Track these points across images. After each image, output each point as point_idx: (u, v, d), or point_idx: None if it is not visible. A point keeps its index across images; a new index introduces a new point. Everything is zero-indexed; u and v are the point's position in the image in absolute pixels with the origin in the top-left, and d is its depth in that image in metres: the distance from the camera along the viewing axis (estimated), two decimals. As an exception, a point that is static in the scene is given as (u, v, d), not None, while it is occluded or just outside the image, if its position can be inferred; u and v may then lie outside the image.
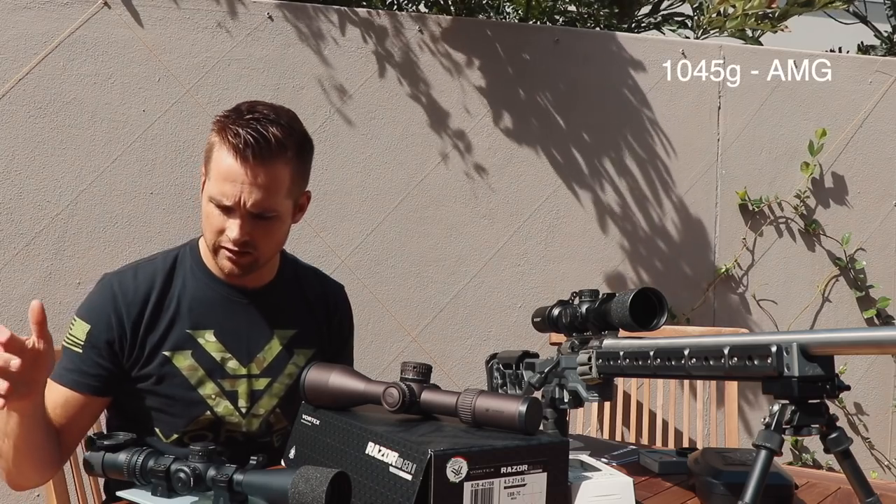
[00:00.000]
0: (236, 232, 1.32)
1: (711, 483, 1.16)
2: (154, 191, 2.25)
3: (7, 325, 2.12)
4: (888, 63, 2.88)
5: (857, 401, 2.84)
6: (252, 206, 1.31)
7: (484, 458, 0.95)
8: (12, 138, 2.14)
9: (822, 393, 0.89)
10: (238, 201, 1.30)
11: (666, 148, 2.70)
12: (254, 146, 1.28)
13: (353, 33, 2.42)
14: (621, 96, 2.66)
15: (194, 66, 2.28)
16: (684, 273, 2.72)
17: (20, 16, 2.15)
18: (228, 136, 1.30)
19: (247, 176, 1.29)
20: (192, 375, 1.38)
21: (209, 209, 1.34)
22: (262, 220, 1.34)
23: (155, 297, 1.39)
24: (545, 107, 2.59)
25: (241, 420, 1.42)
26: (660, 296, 1.12)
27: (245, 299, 1.44)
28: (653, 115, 2.69)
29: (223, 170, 1.30)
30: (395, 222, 2.46)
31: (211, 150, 1.34)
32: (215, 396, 1.40)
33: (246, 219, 1.32)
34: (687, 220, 2.72)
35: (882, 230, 2.86)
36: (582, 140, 2.62)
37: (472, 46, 2.52)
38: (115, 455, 1.08)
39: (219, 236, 1.34)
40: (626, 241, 2.66)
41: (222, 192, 1.30)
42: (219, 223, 1.33)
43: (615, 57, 2.66)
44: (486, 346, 2.51)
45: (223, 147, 1.31)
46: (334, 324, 1.57)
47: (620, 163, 2.66)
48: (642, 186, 2.68)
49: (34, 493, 2.15)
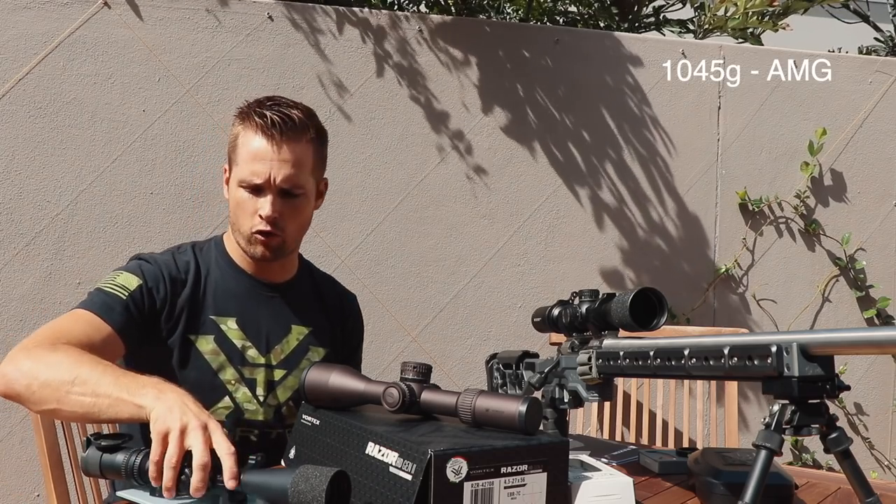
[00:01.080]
0: (268, 208, 1.38)
1: (711, 483, 1.16)
2: (154, 191, 2.25)
3: (7, 325, 2.12)
4: (888, 63, 2.88)
5: (857, 401, 2.84)
6: (282, 181, 1.38)
7: (484, 458, 0.95)
8: (12, 138, 2.14)
9: (822, 393, 0.89)
10: (269, 178, 1.38)
11: (666, 148, 2.70)
12: (280, 124, 1.37)
13: (354, 33, 2.42)
14: (621, 96, 2.66)
15: (194, 66, 2.28)
16: (684, 273, 2.72)
17: (20, 16, 2.15)
18: (254, 119, 1.39)
19: (276, 153, 1.38)
20: (213, 360, 1.42)
21: (239, 195, 1.41)
22: (291, 199, 1.41)
23: (191, 280, 1.44)
24: (545, 107, 2.59)
25: (257, 408, 1.45)
26: (660, 296, 1.12)
27: (266, 292, 1.50)
28: (653, 114, 2.69)
29: (252, 151, 1.38)
30: (395, 222, 2.46)
31: (236, 139, 1.42)
32: (235, 382, 1.43)
33: (276, 196, 1.39)
34: (687, 220, 2.72)
35: (882, 230, 2.86)
36: (582, 140, 2.62)
37: (473, 46, 2.52)
38: (112, 455, 1.07)
39: (253, 220, 1.40)
40: (626, 241, 2.66)
41: (253, 172, 1.38)
42: (251, 206, 1.40)
43: (615, 57, 2.66)
44: (486, 346, 2.51)
45: (249, 130, 1.39)
46: (347, 329, 1.62)
47: (620, 163, 2.66)
48: (642, 186, 2.68)
49: (34, 493, 2.15)
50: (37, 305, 2.15)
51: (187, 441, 0.97)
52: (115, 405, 1.10)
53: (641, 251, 2.68)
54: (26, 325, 2.14)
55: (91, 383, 1.12)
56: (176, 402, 1.03)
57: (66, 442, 1.56)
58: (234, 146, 1.43)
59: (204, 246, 1.52)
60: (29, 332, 2.12)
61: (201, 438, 0.96)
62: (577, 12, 2.97)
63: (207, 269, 1.47)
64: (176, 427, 0.98)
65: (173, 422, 0.98)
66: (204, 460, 0.94)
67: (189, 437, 0.97)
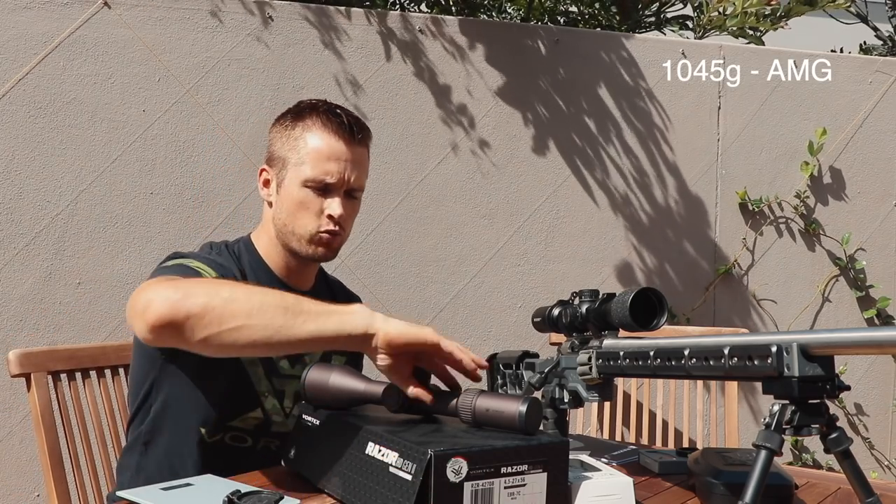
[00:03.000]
0: (339, 208, 1.38)
1: (711, 483, 1.16)
2: (154, 191, 2.25)
3: (7, 325, 2.12)
4: (888, 63, 2.88)
5: (858, 401, 2.84)
6: (354, 182, 1.40)
7: (484, 458, 0.95)
8: (12, 138, 2.14)
9: (823, 393, 0.89)
10: (343, 178, 1.38)
11: (666, 148, 2.70)
12: (355, 127, 1.40)
13: (354, 33, 2.42)
14: (621, 96, 2.66)
15: (194, 66, 2.28)
16: (684, 273, 2.72)
17: (20, 16, 2.15)
18: (327, 119, 1.39)
19: (350, 153, 1.39)
20: (251, 369, 1.39)
21: (304, 195, 1.38)
22: (352, 200, 1.43)
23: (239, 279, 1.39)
24: (545, 106, 2.59)
25: (284, 420, 1.44)
26: (660, 296, 1.12)
27: None
28: (653, 115, 2.69)
29: (326, 150, 1.38)
30: (395, 222, 2.46)
31: (297, 139, 1.40)
32: (267, 393, 1.42)
33: (343, 197, 1.40)
34: (687, 220, 2.72)
35: (882, 230, 2.86)
36: (582, 140, 2.63)
37: (473, 46, 2.52)
38: None
39: (319, 220, 1.39)
40: (626, 240, 2.67)
41: (326, 171, 1.37)
42: (317, 206, 1.39)
43: (615, 57, 2.66)
44: (486, 346, 2.51)
45: (319, 129, 1.39)
46: None
47: (620, 163, 2.66)
48: (642, 186, 2.68)
49: (34, 493, 2.15)
50: (37, 305, 2.15)
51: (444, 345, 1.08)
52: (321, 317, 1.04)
53: (641, 251, 2.68)
54: (26, 325, 2.14)
55: (289, 297, 1.06)
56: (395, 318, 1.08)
57: (67, 442, 1.56)
58: (292, 146, 1.40)
59: (235, 247, 1.47)
60: (29, 332, 2.14)
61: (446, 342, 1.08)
62: (578, 12, 2.98)
63: (245, 273, 1.43)
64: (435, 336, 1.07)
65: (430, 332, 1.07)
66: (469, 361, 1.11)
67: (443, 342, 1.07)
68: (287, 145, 1.41)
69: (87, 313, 2.17)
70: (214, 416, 1.38)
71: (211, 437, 1.39)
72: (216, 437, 1.39)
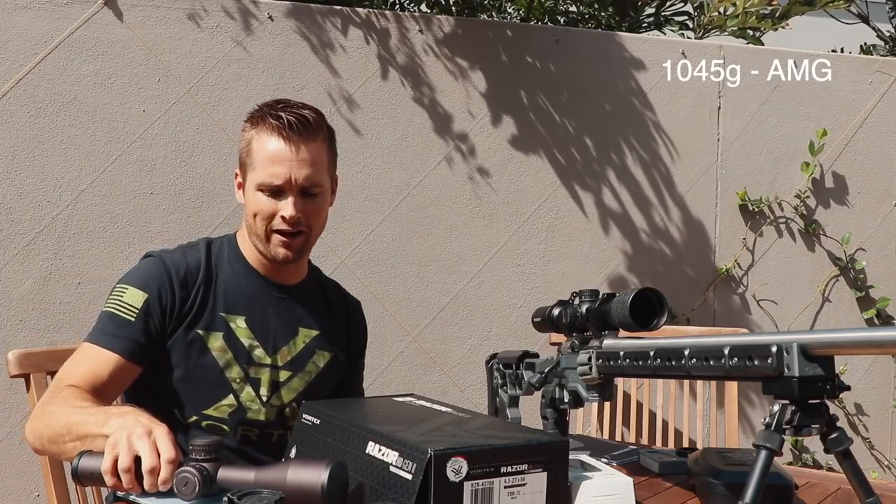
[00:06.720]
0: (291, 209, 1.39)
1: (711, 483, 1.16)
2: (154, 191, 2.25)
3: (7, 324, 2.12)
4: (888, 63, 2.88)
5: (858, 401, 2.84)
6: (303, 181, 1.39)
7: (484, 457, 0.95)
8: (12, 138, 2.14)
9: (823, 393, 0.89)
10: (289, 179, 1.38)
11: (666, 148, 2.70)
12: (296, 125, 1.39)
13: (354, 33, 2.42)
14: (621, 96, 2.66)
15: (194, 66, 2.28)
16: (684, 273, 2.72)
17: (20, 16, 2.15)
18: (269, 122, 1.40)
19: (294, 154, 1.39)
20: (221, 357, 1.42)
21: (258, 198, 1.41)
22: (311, 198, 1.42)
23: (201, 277, 1.44)
24: (545, 106, 2.59)
25: (260, 408, 1.45)
26: (660, 296, 1.13)
27: (276, 293, 1.50)
28: (653, 115, 2.69)
29: (270, 153, 1.39)
30: (395, 222, 2.46)
31: (250, 143, 1.42)
32: (240, 381, 1.43)
33: (297, 196, 1.40)
34: (687, 221, 2.72)
35: (882, 230, 2.86)
36: (582, 140, 2.62)
37: (473, 46, 2.52)
38: None
39: (271, 221, 1.41)
40: (626, 240, 2.66)
41: (272, 174, 1.38)
42: (270, 208, 1.40)
43: (615, 57, 2.66)
44: (486, 346, 2.51)
45: (264, 133, 1.40)
46: (352, 334, 1.63)
47: (620, 163, 2.66)
48: (642, 186, 2.68)
49: (34, 493, 2.15)
50: (37, 305, 2.15)
51: (135, 447, 1.04)
52: (93, 442, 1.15)
53: (641, 251, 2.68)
54: (26, 325, 2.14)
55: (75, 430, 1.19)
56: (129, 418, 1.10)
57: (66, 442, 1.56)
58: (247, 151, 1.43)
59: (217, 242, 1.52)
60: (29, 333, 2.15)
61: (147, 443, 1.04)
62: (578, 12, 2.98)
63: (219, 267, 1.47)
64: (123, 436, 1.05)
65: (121, 433, 1.06)
66: (152, 464, 1.02)
67: (136, 443, 1.04)
68: (245, 150, 1.44)
69: (87, 313, 2.16)
70: (189, 403, 1.42)
71: (186, 420, 1.42)
72: (192, 420, 1.42)
